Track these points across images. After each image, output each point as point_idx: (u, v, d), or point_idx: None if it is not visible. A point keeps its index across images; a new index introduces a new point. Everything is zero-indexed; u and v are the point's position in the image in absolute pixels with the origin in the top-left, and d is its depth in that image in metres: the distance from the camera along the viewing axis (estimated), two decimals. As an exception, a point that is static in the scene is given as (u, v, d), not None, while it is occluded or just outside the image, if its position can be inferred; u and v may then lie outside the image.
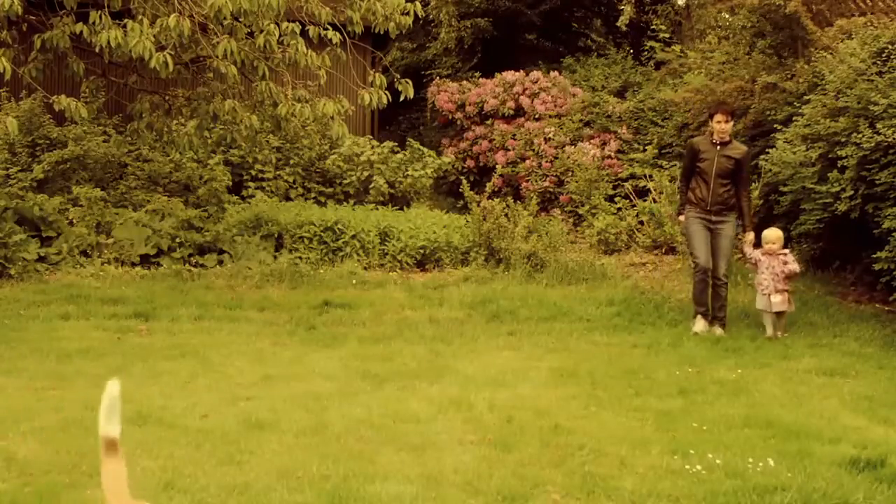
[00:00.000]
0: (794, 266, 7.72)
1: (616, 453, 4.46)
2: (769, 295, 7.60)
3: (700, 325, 7.74)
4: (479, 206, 10.51)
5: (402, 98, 8.66)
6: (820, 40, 10.27)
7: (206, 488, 3.89)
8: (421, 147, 13.22)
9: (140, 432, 4.63)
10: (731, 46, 12.21)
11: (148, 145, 11.23)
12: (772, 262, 7.71)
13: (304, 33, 8.40)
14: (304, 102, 8.59)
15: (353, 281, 9.42)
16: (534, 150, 13.79)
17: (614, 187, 12.82)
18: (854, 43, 8.93)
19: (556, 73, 15.15)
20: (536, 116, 14.21)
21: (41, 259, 9.17)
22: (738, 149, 7.89)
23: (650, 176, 12.07)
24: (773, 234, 7.89)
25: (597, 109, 13.86)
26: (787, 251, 7.85)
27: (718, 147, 7.84)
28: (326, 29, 8.44)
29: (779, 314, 7.61)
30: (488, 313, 8.34)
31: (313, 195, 12.30)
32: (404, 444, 4.55)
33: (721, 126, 7.77)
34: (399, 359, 6.66)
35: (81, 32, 7.65)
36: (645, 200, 11.85)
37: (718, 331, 7.70)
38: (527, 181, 13.61)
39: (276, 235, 10.18)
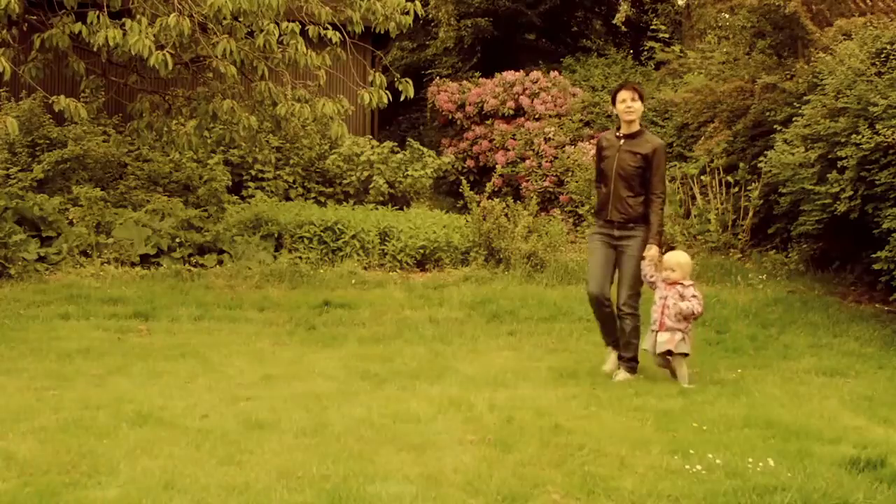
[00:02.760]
0: (692, 305, 6.02)
1: (616, 453, 4.46)
2: (656, 332, 6.09)
3: (609, 362, 6.39)
4: (479, 206, 10.51)
5: (402, 98, 8.66)
6: (820, 40, 10.28)
7: (206, 488, 3.89)
8: (421, 147, 13.22)
9: (140, 432, 4.63)
10: (731, 46, 12.23)
11: (148, 145, 11.23)
12: (668, 291, 6.13)
13: (303, 33, 8.39)
14: (303, 102, 8.59)
15: (353, 281, 9.42)
16: (534, 150, 13.79)
17: (614, 187, 12.80)
18: (853, 44, 8.93)
19: (556, 73, 15.15)
20: (536, 116, 14.21)
21: (41, 259, 9.17)
22: (649, 142, 6.17)
23: (650, 176, 12.05)
24: (675, 258, 6.20)
25: (597, 109, 13.87)
26: (691, 283, 6.17)
27: (622, 140, 6.21)
28: (326, 29, 8.44)
29: (667, 356, 6.07)
30: (488, 313, 8.34)
31: (313, 195, 12.30)
32: (404, 444, 4.55)
33: (626, 105, 6.15)
34: (399, 359, 6.66)
35: (81, 32, 7.65)
36: (645, 200, 11.84)
37: (622, 375, 6.17)
38: (527, 181, 13.61)
39: (276, 235, 10.18)
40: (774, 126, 10.00)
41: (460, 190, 11.31)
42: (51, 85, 10.06)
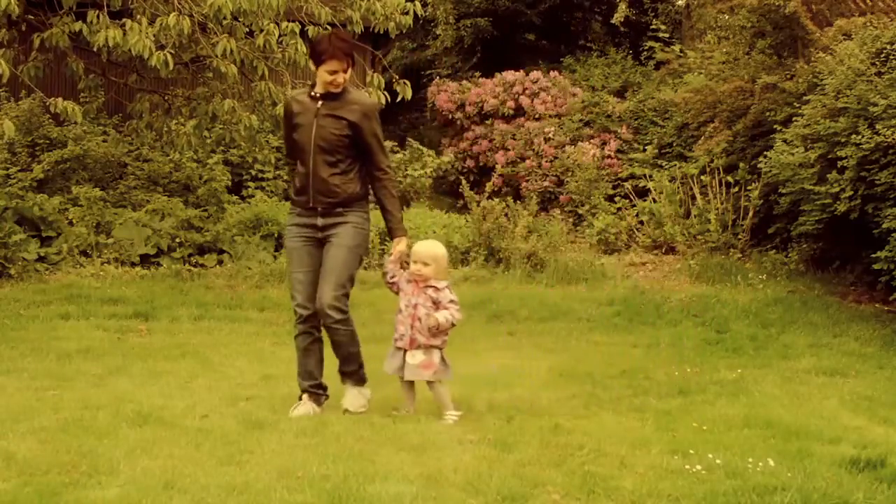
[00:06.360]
0: (449, 315, 4.78)
1: (616, 453, 4.45)
2: (404, 350, 4.87)
3: (302, 408, 5.04)
4: (478, 205, 10.51)
5: (399, 99, 8.67)
6: (820, 40, 10.28)
7: (206, 488, 3.89)
8: (421, 147, 13.21)
9: (140, 432, 4.63)
10: (731, 46, 12.22)
11: (147, 145, 11.24)
12: (417, 295, 4.85)
13: (303, 33, 8.40)
14: (303, 102, 8.58)
15: (353, 281, 9.40)
16: (534, 150, 13.78)
17: (614, 187, 12.82)
18: (853, 44, 8.93)
19: (556, 72, 15.15)
20: (536, 116, 14.21)
21: (41, 259, 9.17)
22: (356, 103, 4.92)
23: (650, 176, 12.07)
24: (430, 249, 4.95)
25: (597, 109, 13.86)
26: (446, 285, 4.90)
27: (320, 103, 4.87)
28: (326, 29, 8.43)
29: (421, 382, 4.94)
30: (488, 313, 8.34)
31: (313, 195, 12.28)
32: (404, 443, 4.55)
33: (333, 80, 4.84)
34: (399, 359, 6.64)
35: (80, 32, 7.65)
36: (645, 200, 11.86)
37: (349, 397, 5.11)
38: (527, 181, 13.60)
39: (276, 235, 10.18)
40: (774, 126, 10.00)
41: (460, 190, 11.31)
42: (50, 85, 10.06)
